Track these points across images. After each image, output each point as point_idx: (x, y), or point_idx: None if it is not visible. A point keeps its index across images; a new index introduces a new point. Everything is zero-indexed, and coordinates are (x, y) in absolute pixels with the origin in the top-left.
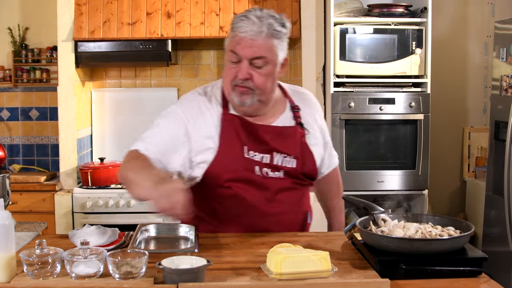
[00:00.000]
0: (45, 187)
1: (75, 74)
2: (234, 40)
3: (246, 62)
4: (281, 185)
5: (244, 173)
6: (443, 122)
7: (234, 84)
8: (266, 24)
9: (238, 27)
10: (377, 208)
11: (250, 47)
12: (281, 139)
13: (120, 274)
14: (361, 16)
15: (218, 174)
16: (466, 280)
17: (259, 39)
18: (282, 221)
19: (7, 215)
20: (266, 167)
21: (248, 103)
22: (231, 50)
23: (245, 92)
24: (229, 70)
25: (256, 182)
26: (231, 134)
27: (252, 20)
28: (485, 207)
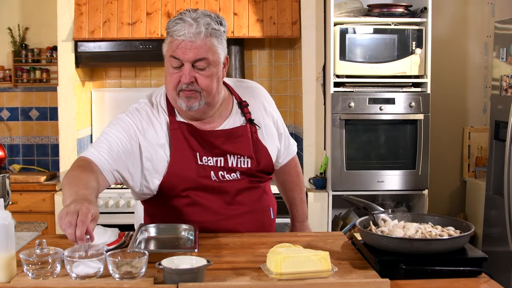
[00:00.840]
0: (45, 187)
1: (75, 74)
2: (172, 44)
3: (189, 65)
4: (239, 187)
5: (200, 181)
6: (443, 122)
7: (179, 90)
8: (203, 24)
9: (175, 31)
10: (377, 208)
11: (191, 50)
12: (232, 141)
13: (120, 274)
14: (361, 16)
15: (173, 185)
16: (466, 280)
17: (198, 40)
18: (245, 222)
19: (7, 215)
20: (222, 170)
21: (195, 107)
22: (171, 55)
23: (192, 96)
24: (171, 76)
25: (213, 187)
26: (181, 143)
27: (189, 22)
28: (485, 207)
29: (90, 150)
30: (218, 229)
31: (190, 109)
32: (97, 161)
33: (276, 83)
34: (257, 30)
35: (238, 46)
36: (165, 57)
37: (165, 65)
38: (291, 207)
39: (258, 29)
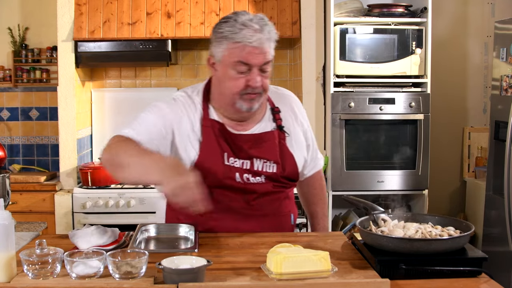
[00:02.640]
0: (45, 187)
1: (75, 74)
2: (240, 50)
3: (257, 70)
4: (262, 190)
5: (224, 181)
6: (443, 122)
7: (243, 93)
8: (267, 30)
9: (243, 37)
10: (377, 208)
11: (260, 54)
12: (259, 145)
13: (120, 274)
14: (361, 16)
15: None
16: (466, 280)
17: (266, 45)
18: (265, 225)
19: (7, 215)
20: (247, 173)
21: (255, 108)
22: (240, 60)
23: (255, 98)
24: (237, 81)
25: (237, 188)
26: (211, 140)
27: (255, 28)
28: (485, 207)
29: (125, 130)
30: (236, 228)
31: (250, 110)
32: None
33: (276, 83)
34: None
35: None
36: (220, 61)
37: (220, 70)
38: (313, 220)
39: None
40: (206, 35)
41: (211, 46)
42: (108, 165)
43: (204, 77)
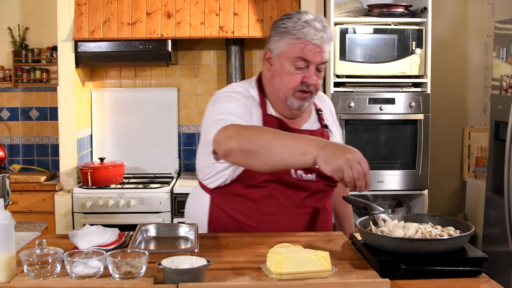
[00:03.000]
0: (45, 187)
1: (75, 74)
2: (299, 46)
3: (314, 67)
4: (314, 188)
5: (282, 175)
6: (443, 122)
7: (297, 90)
8: (328, 31)
9: (306, 34)
10: (377, 208)
11: (319, 53)
12: None
13: (120, 274)
14: (361, 16)
15: (255, 174)
16: (466, 280)
17: (326, 45)
18: (316, 222)
19: (7, 215)
20: (300, 169)
21: (305, 106)
22: (300, 56)
23: (307, 97)
24: (293, 76)
25: (292, 184)
26: None
27: (317, 27)
28: (485, 207)
29: (232, 118)
30: (290, 224)
31: (300, 108)
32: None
33: None
34: (257, 30)
35: (238, 46)
36: (279, 56)
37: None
38: (343, 220)
39: (258, 29)
40: (206, 35)
41: (270, 41)
42: (242, 154)
43: (204, 77)
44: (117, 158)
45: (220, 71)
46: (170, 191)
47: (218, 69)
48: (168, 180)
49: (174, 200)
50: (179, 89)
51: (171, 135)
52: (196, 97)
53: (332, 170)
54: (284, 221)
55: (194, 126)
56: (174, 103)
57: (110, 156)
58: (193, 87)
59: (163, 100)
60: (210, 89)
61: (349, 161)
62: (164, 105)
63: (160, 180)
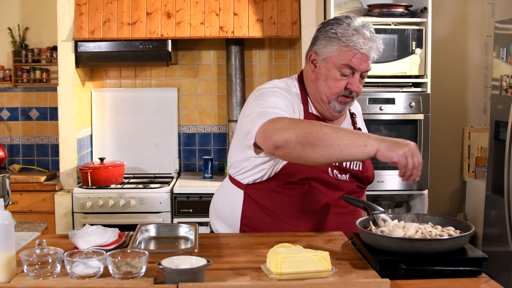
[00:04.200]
0: (45, 187)
1: (75, 74)
2: (348, 53)
3: (358, 75)
4: (349, 188)
5: (319, 174)
6: (443, 122)
7: (341, 95)
8: (377, 40)
9: (355, 42)
10: (377, 208)
11: (365, 62)
12: None
13: (120, 274)
14: (361, 16)
15: (297, 171)
16: (466, 280)
17: (372, 53)
18: (350, 222)
19: (7, 215)
20: (336, 169)
21: (345, 110)
22: (348, 64)
23: (349, 102)
24: (339, 82)
25: (329, 183)
26: None
27: (366, 36)
28: (485, 207)
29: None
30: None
31: (341, 111)
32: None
33: None
34: (257, 30)
35: (238, 46)
36: (326, 60)
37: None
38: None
39: (258, 29)
40: (206, 35)
41: (316, 43)
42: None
43: (204, 77)
44: (117, 158)
45: (220, 71)
46: (170, 191)
47: (218, 69)
48: (168, 180)
49: (174, 200)
50: (179, 89)
51: (171, 135)
52: (196, 97)
53: (399, 156)
54: (321, 220)
55: (194, 126)
56: (174, 103)
57: (110, 156)
58: (193, 87)
59: (163, 100)
60: (210, 89)
61: (411, 150)
62: (164, 105)
63: (160, 180)
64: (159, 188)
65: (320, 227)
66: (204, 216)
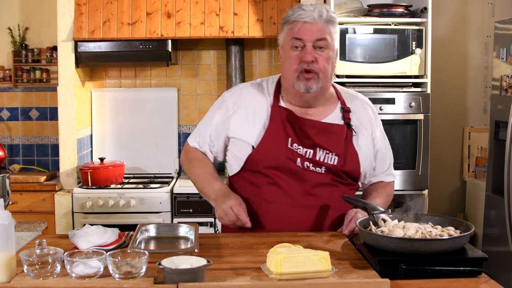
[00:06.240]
0: (45, 187)
1: (75, 74)
2: (294, 28)
3: (310, 45)
4: (320, 180)
5: (285, 162)
6: (443, 122)
7: (300, 71)
8: (323, 10)
9: (297, 16)
10: (377, 208)
11: (312, 30)
12: (325, 135)
13: (120, 274)
14: (361, 16)
15: (259, 160)
16: (466, 280)
17: (320, 22)
18: (319, 216)
19: (7, 215)
20: (308, 161)
21: (313, 89)
22: (294, 37)
23: (312, 78)
24: (292, 59)
25: (295, 172)
26: (277, 125)
27: (309, 8)
28: (485, 207)
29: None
30: (291, 215)
31: (308, 90)
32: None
33: None
34: (257, 30)
35: (238, 46)
36: (282, 46)
37: (283, 54)
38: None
39: (258, 29)
40: (206, 35)
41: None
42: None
43: (204, 77)
44: (117, 158)
45: (220, 71)
46: (170, 191)
47: (218, 69)
48: (168, 180)
49: (174, 200)
50: (179, 89)
51: (171, 135)
52: (196, 97)
53: (218, 219)
54: (286, 211)
55: (194, 126)
56: (174, 103)
57: (110, 156)
58: (193, 87)
59: (163, 100)
60: (210, 89)
61: (223, 210)
62: (164, 105)
63: (160, 180)
64: (159, 188)
65: (283, 219)
66: (204, 216)
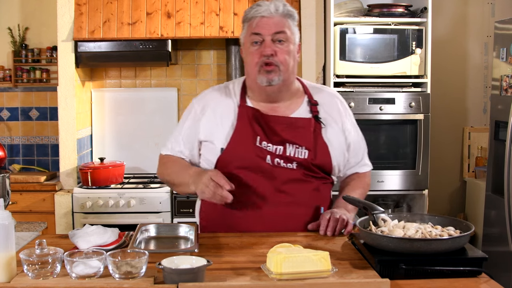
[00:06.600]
0: (45, 187)
1: (75, 74)
2: (252, 25)
3: (269, 39)
4: (291, 176)
5: (254, 161)
6: (443, 122)
7: (260, 65)
8: (279, 4)
9: (254, 12)
10: (377, 208)
11: (270, 24)
12: (292, 129)
13: (120, 274)
14: (361, 16)
15: (229, 161)
16: (466, 280)
17: (277, 16)
18: (292, 213)
19: (7, 215)
20: (279, 158)
21: (275, 81)
22: (252, 32)
23: (272, 70)
24: (252, 54)
25: (265, 170)
26: (245, 125)
27: (265, 3)
28: (485, 207)
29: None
30: (263, 214)
31: (270, 83)
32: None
33: None
34: None
35: (238, 46)
36: (243, 44)
37: (244, 51)
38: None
39: None
40: (206, 35)
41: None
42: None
43: (204, 77)
44: (117, 158)
45: (220, 71)
46: (170, 191)
47: (218, 69)
48: None
49: (174, 200)
50: (179, 89)
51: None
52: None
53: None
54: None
55: None
56: (174, 103)
57: (110, 156)
58: (193, 87)
59: (163, 100)
60: None
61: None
62: (164, 105)
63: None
64: (159, 188)
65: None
66: None
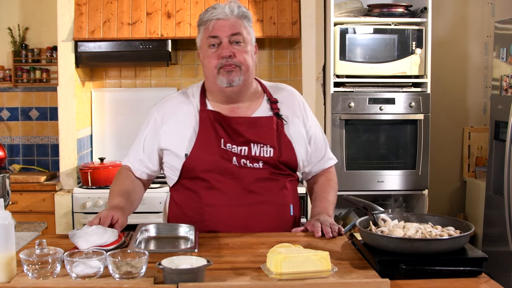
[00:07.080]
0: (45, 187)
1: (75, 74)
2: (208, 27)
3: (226, 41)
4: (258, 176)
5: (220, 163)
6: (443, 122)
7: (219, 67)
8: (233, 6)
9: (209, 15)
10: (377, 208)
11: (226, 26)
12: (255, 129)
13: (120, 274)
14: (361, 16)
15: (195, 166)
16: (466, 280)
17: (232, 18)
18: (262, 212)
19: (7, 215)
20: (244, 159)
21: (236, 82)
22: (209, 35)
23: (232, 70)
24: (210, 57)
25: (232, 172)
26: (207, 128)
27: (219, 6)
28: (485, 207)
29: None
30: (233, 216)
31: (230, 84)
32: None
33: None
34: (257, 30)
35: None
36: (200, 48)
37: (201, 54)
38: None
39: (258, 29)
40: None
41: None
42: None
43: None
44: (117, 158)
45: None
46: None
47: None
48: None
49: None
50: (179, 89)
51: None
52: None
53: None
54: (228, 213)
55: None
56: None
57: (110, 156)
58: None
59: None
60: None
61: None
62: None
63: (160, 180)
64: (159, 188)
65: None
66: None
